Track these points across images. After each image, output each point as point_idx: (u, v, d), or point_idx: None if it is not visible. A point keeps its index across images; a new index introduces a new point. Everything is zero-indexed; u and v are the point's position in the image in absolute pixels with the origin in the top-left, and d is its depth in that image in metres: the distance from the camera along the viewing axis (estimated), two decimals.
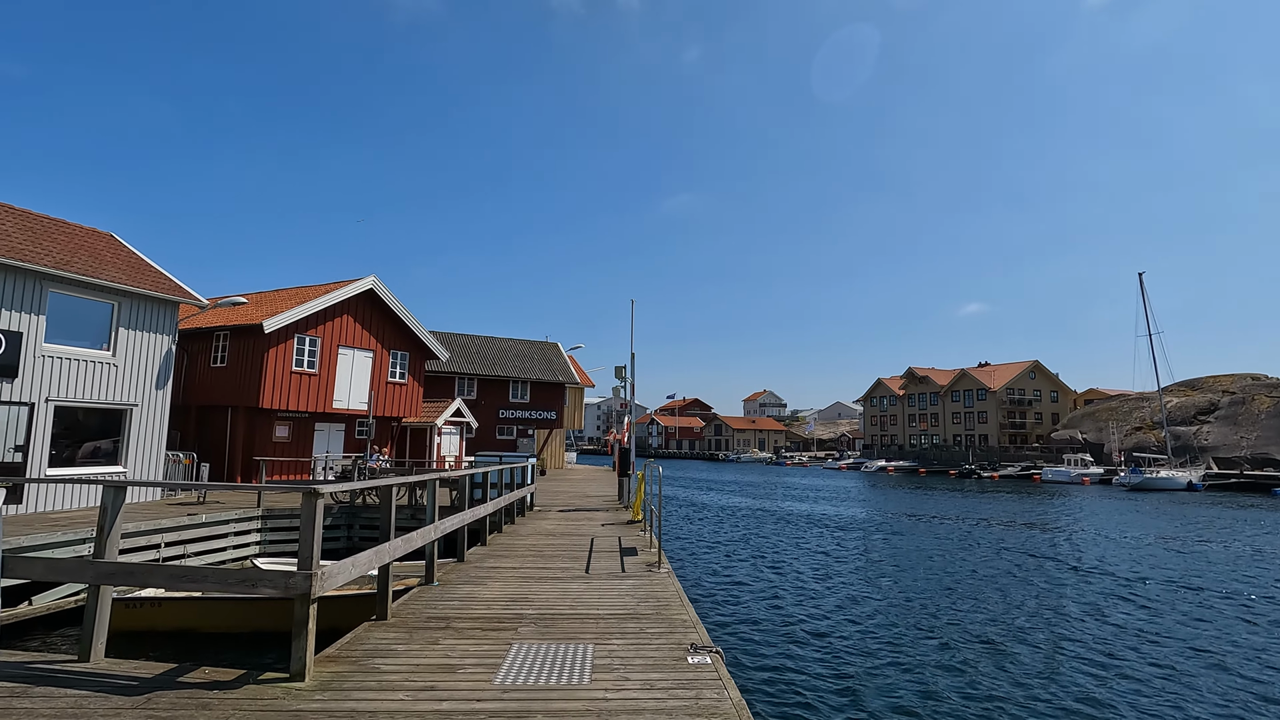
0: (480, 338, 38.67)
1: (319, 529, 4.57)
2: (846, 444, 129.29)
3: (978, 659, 10.05)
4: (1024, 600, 14.39)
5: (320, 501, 4.58)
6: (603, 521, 14.68)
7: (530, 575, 8.29)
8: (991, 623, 12.38)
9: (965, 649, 10.58)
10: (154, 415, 18.10)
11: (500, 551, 10.23)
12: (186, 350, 23.68)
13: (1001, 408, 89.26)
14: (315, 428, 24.24)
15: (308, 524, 4.54)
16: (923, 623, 12.15)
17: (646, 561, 9.38)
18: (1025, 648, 10.76)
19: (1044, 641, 11.15)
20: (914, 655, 10.08)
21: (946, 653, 10.26)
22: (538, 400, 37.99)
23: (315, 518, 4.54)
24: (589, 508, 17.98)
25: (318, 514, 4.56)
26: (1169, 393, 76.59)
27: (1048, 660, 10.12)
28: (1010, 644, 10.92)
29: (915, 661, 9.78)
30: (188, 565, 4.82)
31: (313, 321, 23.18)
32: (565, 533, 12.56)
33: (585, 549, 10.55)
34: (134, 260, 18.87)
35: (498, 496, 12.70)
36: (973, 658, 10.11)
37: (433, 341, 27.45)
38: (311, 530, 4.52)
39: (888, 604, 13.59)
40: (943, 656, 10.02)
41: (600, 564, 9.16)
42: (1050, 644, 10.99)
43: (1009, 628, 12.00)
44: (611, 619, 6.24)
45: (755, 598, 13.72)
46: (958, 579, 16.84)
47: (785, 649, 10.05)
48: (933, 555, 20.49)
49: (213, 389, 22.86)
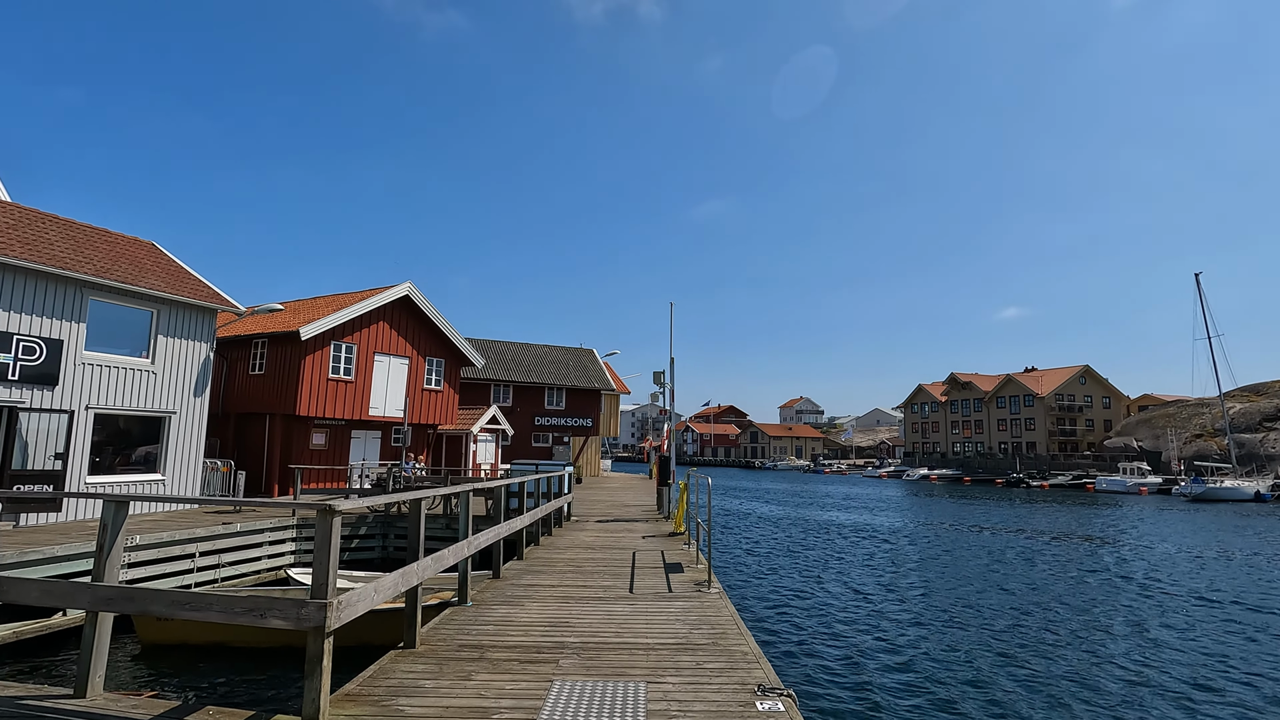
0: (516, 344, 38.43)
1: (335, 551, 4.02)
2: (886, 451, 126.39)
3: (1069, 695, 9.11)
4: (1106, 628, 13.25)
5: (337, 519, 4.03)
6: (643, 533, 14.02)
7: (570, 595, 7.67)
8: (1072, 650, 11.36)
9: (1057, 684, 9.63)
10: (192, 422, 18.05)
11: (538, 566, 9.65)
12: (226, 358, 23.78)
13: (1050, 414, 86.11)
14: (351, 435, 24.11)
15: (323, 545, 3.99)
16: (1007, 652, 11.15)
17: (694, 580, 8.69)
18: (1118, 685, 9.75)
19: (1138, 681, 10.12)
20: (1006, 695, 9.14)
21: (1037, 693, 9.30)
22: (573, 407, 37.56)
23: (331, 538, 3.99)
24: (628, 518, 17.34)
25: (334, 533, 4.01)
26: (1231, 398, 72.89)
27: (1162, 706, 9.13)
28: (1103, 680, 9.92)
29: (1011, 705, 8.85)
30: (192, 591, 4.32)
31: (349, 328, 23.06)
32: (605, 545, 11.93)
33: (627, 564, 9.91)
34: (173, 268, 18.92)
35: (534, 507, 12.17)
36: (1064, 693, 9.16)
37: (468, 348, 27.19)
38: (327, 552, 3.97)
39: (961, 631, 12.50)
40: (1035, 698, 9.06)
41: (645, 582, 8.51)
42: (1149, 685, 9.95)
43: (1095, 658, 10.98)
44: (663, 650, 5.57)
45: (814, 622, 12.71)
46: (1027, 600, 15.73)
47: (860, 691, 8.92)
48: (997, 573, 19.32)
49: (251, 396, 22.87)
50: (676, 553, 11.11)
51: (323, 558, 3.96)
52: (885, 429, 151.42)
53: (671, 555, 10.83)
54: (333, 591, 3.93)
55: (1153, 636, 12.30)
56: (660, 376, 18.28)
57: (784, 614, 13.20)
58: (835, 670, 9.73)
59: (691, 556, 10.68)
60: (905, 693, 8.94)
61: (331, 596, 3.90)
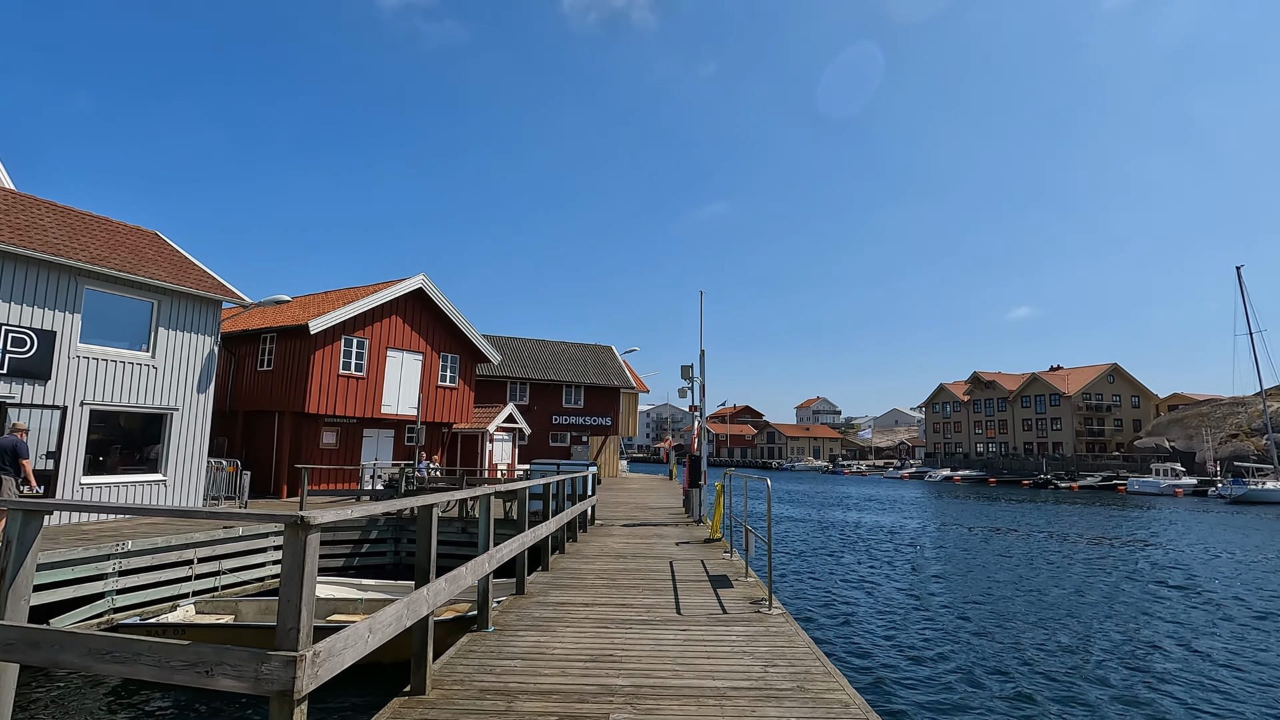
0: (533, 341, 37.39)
1: (311, 575, 2.89)
2: (906, 452, 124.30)
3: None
4: (1215, 659, 11.92)
5: (313, 537, 2.90)
6: (675, 539, 12.85)
7: (608, 616, 6.52)
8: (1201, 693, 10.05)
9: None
10: (195, 420, 17.12)
11: (565, 578, 8.51)
12: (233, 353, 22.90)
13: (1077, 414, 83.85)
14: (364, 434, 23.14)
15: (293, 572, 2.87)
16: (1114, 681, 9.88)
17: (748, 597, 7.51)
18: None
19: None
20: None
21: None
22: (592, 405, 36.46)
23: (305, 561, 2.86)
24: (655, 521, 16.18)
25: (309, 555, 2.88)
26: (1271, 396, 70.44)
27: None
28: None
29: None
30: (114, 636, 3.18)
31: (360, 323, 22.09)
32: (637, 554, 10.78)
33: (666, 576, 8.75)
34: (176, 258, 18.01)
35: (557, 511, 11.05)
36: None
37: (484, 344, 26.16)
38: (299, 582, 2.84)
39: (1062, 657, 11.18)
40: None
41: (692, 599, 7.34)
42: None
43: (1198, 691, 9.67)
44: (739, 698, 4.40)
45: (885, 645, 11.27)
46: (1093, 613, 14.39)
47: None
48: (1054, 579, 17.95)
49: (259, 393, 21.96)
50: (718, 563, 9.93)
51: (293, 590, 2.84)
52: (904, 429, 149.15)
53: (714, 565, 9.65)
54: (307, 639, 2.80)
55: (1239, 664, 10.95)
56: (688, 371, 17.10)
57: (855, 640, 11.48)
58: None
59: (737, 568, 9.49)
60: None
61: (304, 647, 2.76)
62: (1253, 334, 56.12)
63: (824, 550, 22.36)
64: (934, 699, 8.54)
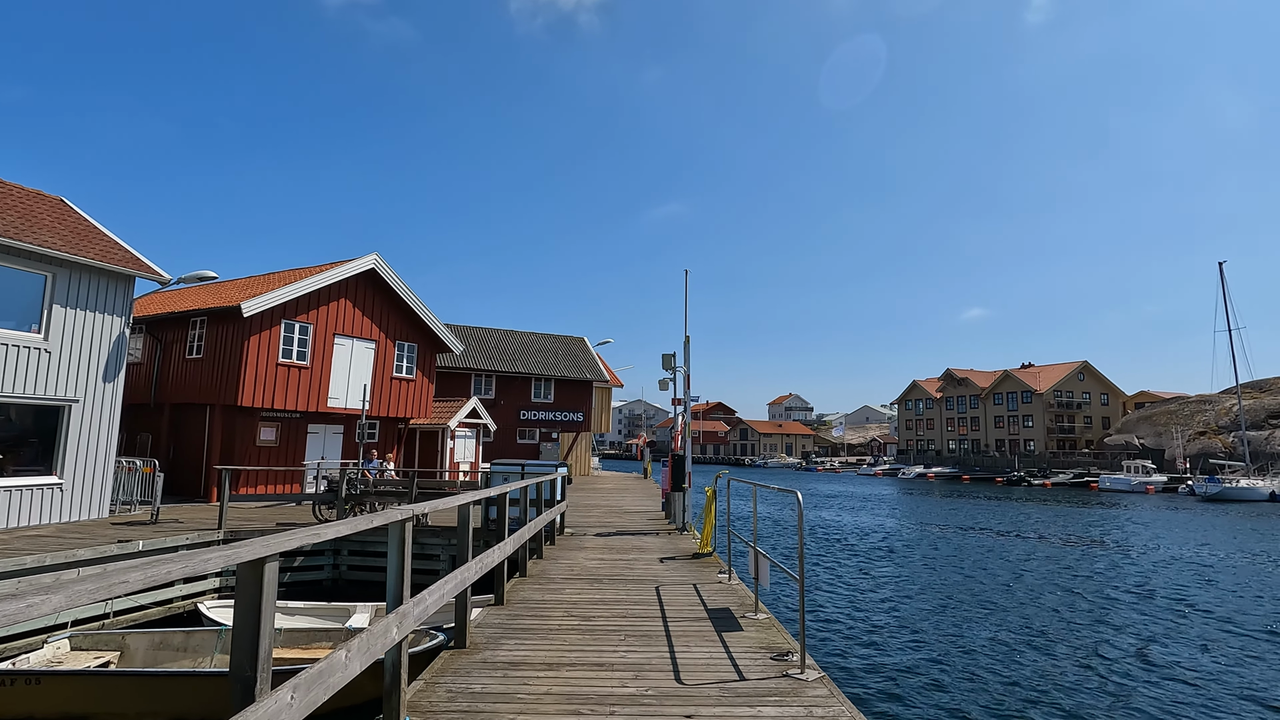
0: (499, 331, 35.21)
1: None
2: (878, 449, 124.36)
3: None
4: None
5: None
6: (658, 552, 11.00)
7: (580, 690, 4.64)
8: None
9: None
10: (100, 414, 14.78)
11: (525, 616, 6.62)
12: (159, 339, 20.44)
13: (1049, 411, 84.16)
14: (308, 430, 20.86)
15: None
16: None
17: (766, 645, 5.70)
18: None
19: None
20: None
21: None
22: (563, 400, 34.43)
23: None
24: (632, 529, 14.32)
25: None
26: (1231, 395, 71.13)
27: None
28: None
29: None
30: None
31: (303, 306, 19.80)
32: (615, 576, 8.90)
33: (653, 611, 6.89)
34: (81, 226, 15.60)
35: (517, 524, 9.13)
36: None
37: (445, 332, 24.00)
38: None
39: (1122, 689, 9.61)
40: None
41: (693, 654, 5.49)
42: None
43: None
44: None
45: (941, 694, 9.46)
46: (1114, 626, 12.91)
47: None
48: (1073, 589, 16.54)
49: (188, 384, 19.56)
50: (715, 588, 8.10)
51: None
52: (875, 426, 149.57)
53: (711, 593, 7.82)
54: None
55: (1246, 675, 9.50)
56: (670, 360, 15.25)
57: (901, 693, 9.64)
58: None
59: (739, 596, 7.67)
60: None
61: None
62: (1231, 331, 56.04)
63: (811, 555, 20.74)
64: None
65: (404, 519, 3.98)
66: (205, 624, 10.70)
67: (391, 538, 4.00)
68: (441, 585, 4.60)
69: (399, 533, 4.01)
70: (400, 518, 3.92)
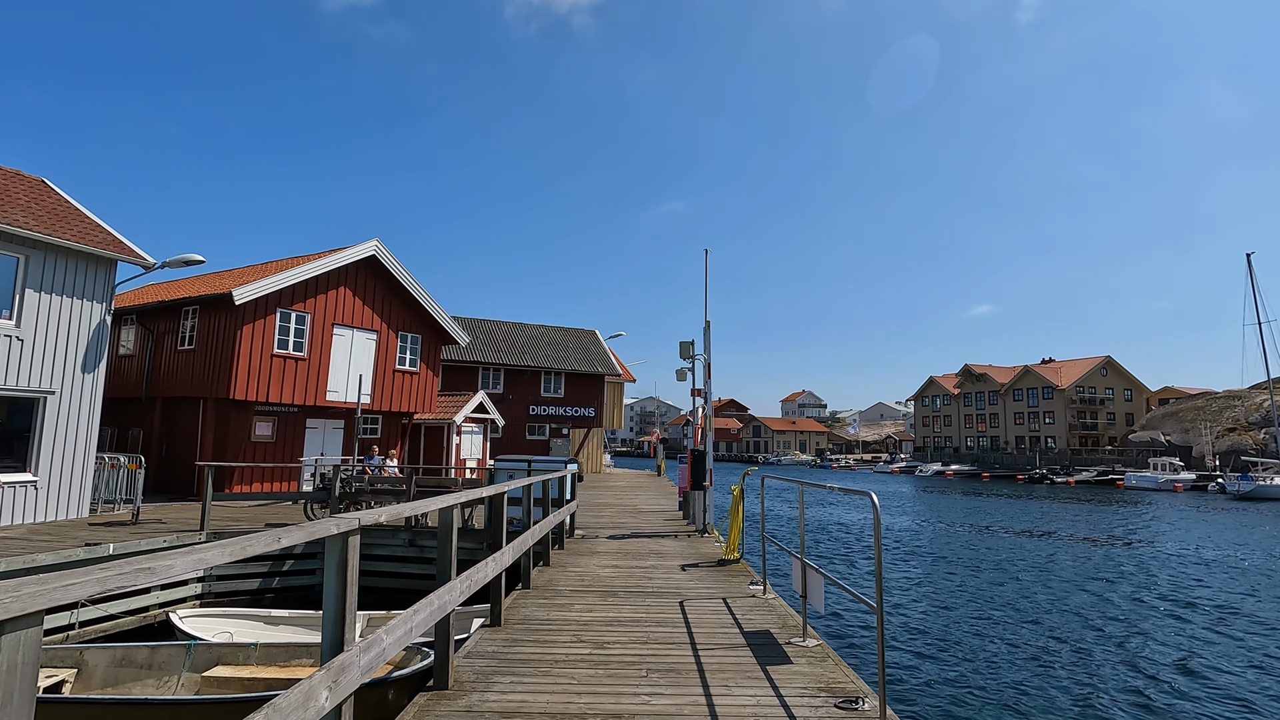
0: (507, 323, 34.12)
1: None
2: (893, 446, 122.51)
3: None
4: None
5: None
6: (679, 558, 9.86)
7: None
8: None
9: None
10: (79, 406, 13.82)
11: (526, 642, 5.50)
12: (150, 330, 19.51)
13: (1071, 407, 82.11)
14: (307, 424, 19.88)
15: None
16: None
17: (826, 686, 4.54)
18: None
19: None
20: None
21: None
22: (574, 394, 33.34)
23: None
24: (648, 531, 13.19)
25: None
26: (1263, 390, 68.93)
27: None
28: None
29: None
30: None
31: (299, 294, 18.80)
32: (632, 588, 7.77)
33: (679, 635, 5.76)
34: (60, 207, 14.65)
35: (520, 527, 8.04)
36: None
37: (450, 323, 22.97)
38: None
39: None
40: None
41: (736, 697, 4.35)
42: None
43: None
44: None
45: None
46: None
47: None
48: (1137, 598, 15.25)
49: (180, 377, 18.61)
50: (749, 604, 6.95)
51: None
52: (890, 423, 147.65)
53: (745, 610, 6.67)
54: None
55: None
56: (689, 348, 14.08)
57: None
58: None
59: (779, 615, 6.52)
60: None
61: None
62: (1261, 324, 53.98)
63: (837, 555, 19.52)
64: None
65: (343, 532, 2.84)
66: (178, 636, 9.69)
67: (328, 558, 2.88)
68: (409, 617, 3.48)
69: (338, 551, 2.89)
70: (336, 530, 2.79)
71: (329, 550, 2.86)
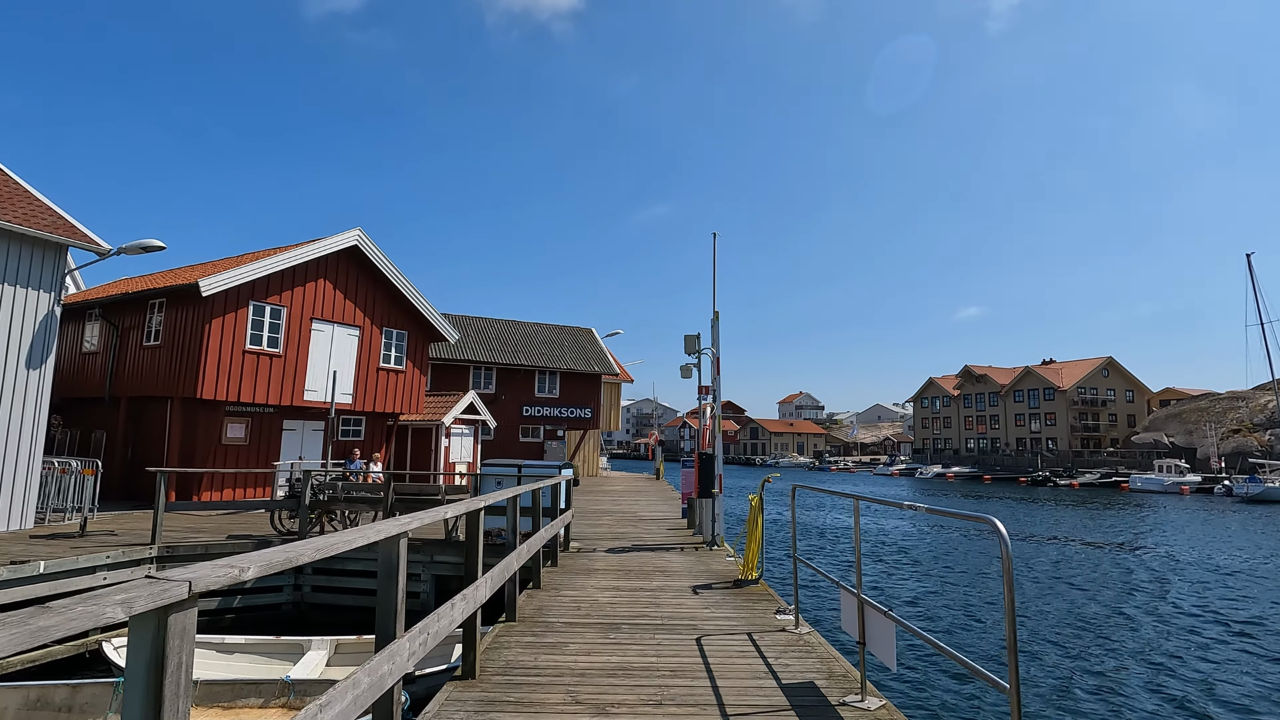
0: (500, 321, 32.84)
1: None
2: (892, 447, 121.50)
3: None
4: None
5: None
6: (690, 579, 8.64)
7: None
8: None
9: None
10: (22, 406, 12.52)
11: (503, 708, 4.27)
12: (115, 325, 18.21)
13: (1072, 409, 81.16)
14: (283, 426, 18.59)
15: None
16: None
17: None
18: None
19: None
20: None
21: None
22: (569, 395, 32.07)
23: None
24: (651, 542, 11.96)
25: None
26: (1266, 390, 68.11)
27: None
28: None
29: None
30: None
31: (274, 286, 17.54)
32: (637, 617, 6.54)
33: (703, 693, 4.54)
34: (4, 188, 13.35)
35: (505, 542, 6.81)
36: None
37: (439, 319, 21.71)
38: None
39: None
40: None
41: None
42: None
43: None
44: None
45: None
46: None
47: None
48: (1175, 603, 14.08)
49: (146, 375, 17.32)
50: (780, 640, 5.73)
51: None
52: (888, 425, 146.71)
53: (778, 652, 5.44)
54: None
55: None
56: (694, 342, 12.86)
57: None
58: None
59: (816, 654, 5.30)
60: None
61: None
62: (1264, 324, 53.02)
63: (846, 561, 18.37)
64: None
65: (156, 607, 1.60)
66: (113, 669, 8.43)
67: (131, 645, 1.64)
68: (343, 692, 2.24)
69: (145, 635, 1.64)
70: (145, 605, 1.54)
71: (132, 634, 1.63)
